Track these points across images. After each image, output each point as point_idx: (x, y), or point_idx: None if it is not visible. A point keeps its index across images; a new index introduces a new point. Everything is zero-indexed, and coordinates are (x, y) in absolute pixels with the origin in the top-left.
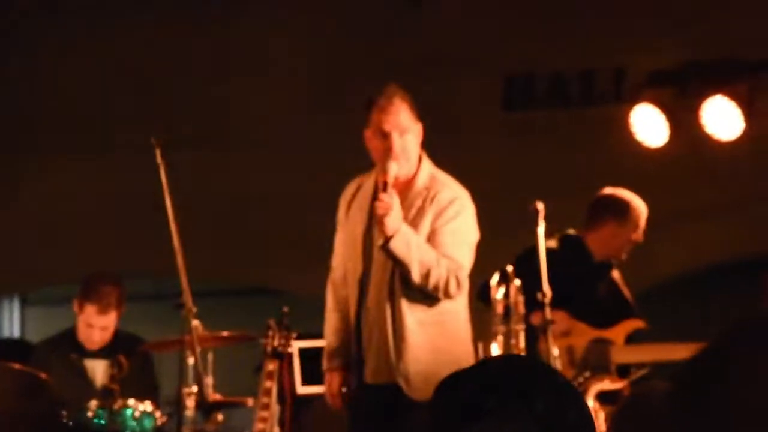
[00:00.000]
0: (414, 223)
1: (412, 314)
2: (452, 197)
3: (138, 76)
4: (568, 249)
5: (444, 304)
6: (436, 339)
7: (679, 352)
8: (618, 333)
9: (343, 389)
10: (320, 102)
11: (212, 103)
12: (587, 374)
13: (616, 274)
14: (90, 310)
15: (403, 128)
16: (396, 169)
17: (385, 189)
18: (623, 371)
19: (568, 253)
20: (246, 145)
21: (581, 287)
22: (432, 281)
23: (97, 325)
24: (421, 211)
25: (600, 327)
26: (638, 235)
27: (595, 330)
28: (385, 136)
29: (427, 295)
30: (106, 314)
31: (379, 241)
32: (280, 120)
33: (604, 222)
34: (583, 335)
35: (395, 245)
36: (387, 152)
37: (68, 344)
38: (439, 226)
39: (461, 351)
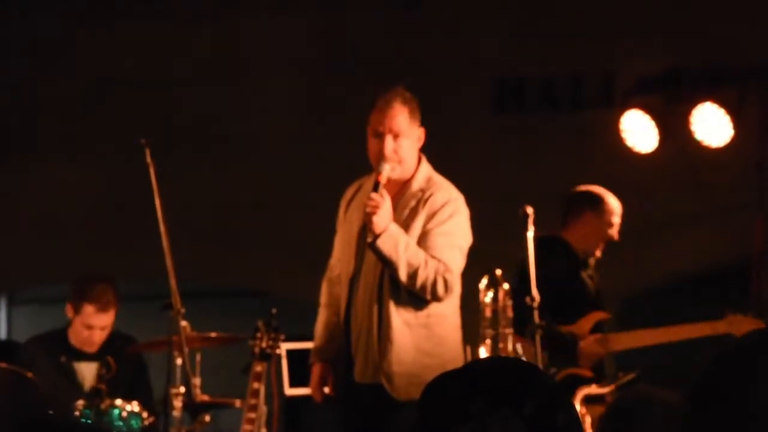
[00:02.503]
0: (406, 223)
1: (399, 315)
2: (446, 200)
3: (131, 79)
4: (546, 251)
5: (432, 307)
6: (421, 341)
7: (642, 339)
8: (583, 326)
9: (326, 389)
10: (312, 105)
11: (203, 108)
12: (553, 370)
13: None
14: (89, 310)
15: (397, 131)
16: (389, 170)
17: (376, 189)
18: (600, 372)
19: (547, 256)
20: (236, 148)
21: (571, 286)
22: (419, 282)
23: (97, 325)
24: (413, 212)
25: (566, 322)
26: (613, 231)
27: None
28: (380, 137)
29: (415, 297)
30: (106, 312)
31: (368, 239)
32: (272, 124)
33: (582, 214)
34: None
35: (382, 243)
36: (380, 153)
37: (58, 346)
38: (431, 228)
39: (448, 354)
